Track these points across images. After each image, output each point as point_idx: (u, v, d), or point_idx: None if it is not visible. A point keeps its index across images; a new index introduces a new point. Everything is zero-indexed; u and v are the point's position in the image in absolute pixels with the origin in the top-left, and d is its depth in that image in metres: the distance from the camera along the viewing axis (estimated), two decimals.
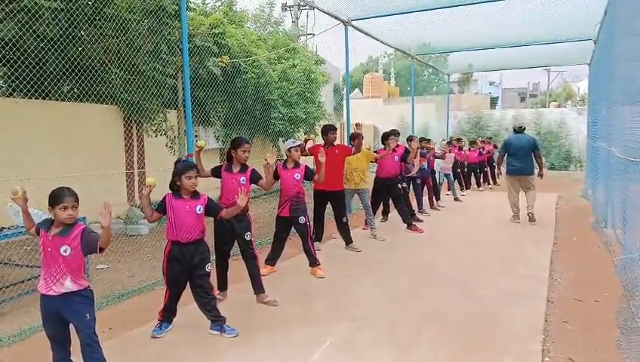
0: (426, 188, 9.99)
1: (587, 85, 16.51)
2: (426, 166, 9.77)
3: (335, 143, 6.80)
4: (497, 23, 10.26)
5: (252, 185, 4.76)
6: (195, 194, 3.92)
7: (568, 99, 38.87)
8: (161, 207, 3.93)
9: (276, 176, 5.42)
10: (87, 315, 3.03)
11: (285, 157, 5.67)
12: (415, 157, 8.59)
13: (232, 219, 4.47)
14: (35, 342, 3.90)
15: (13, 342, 3.95)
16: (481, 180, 13.73)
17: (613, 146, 6.98)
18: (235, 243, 4.78)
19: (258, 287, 4.73)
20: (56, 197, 2.96)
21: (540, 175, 8.65)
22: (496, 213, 9.67)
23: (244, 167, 4.70)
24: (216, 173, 4.81)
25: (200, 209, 3.90)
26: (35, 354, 3.71)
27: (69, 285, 2.97)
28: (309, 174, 5.55)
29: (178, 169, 3.90)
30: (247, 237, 4.66)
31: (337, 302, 4.76)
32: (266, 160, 4.73)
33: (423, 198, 9.85)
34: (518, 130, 8.85)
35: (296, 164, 5.55)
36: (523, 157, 8.49)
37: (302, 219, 5.55)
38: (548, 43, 12.09)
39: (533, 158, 8.54)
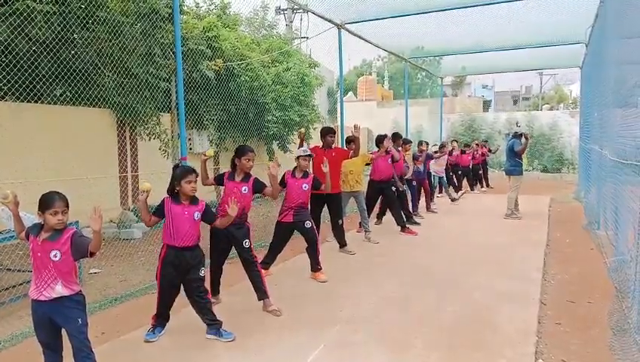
0: (422, 190, 10.03)
1: (579, 88, 16.63)
2: (422, 168, 9.81)
3: (333, 146, 6.82)
4: (490, 27, 10.33)
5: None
6: (193, 200, 3.90)
7: (561, 102, 39.09)
8: (159, 211, 3.91)
9: (282, 183, 5.37)
10: (79, 320, 3.01)
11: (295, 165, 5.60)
12: (401, 158, 8.57)
13: (231, 227, 4.41)
14: (26, 347, 3.87)
15: (4, 347, 3.92)
16: (475, 182, 13.80)
17: (605, 148, 7.03)
18: (232, 249, 4.75)
19: (262, 294, 4.62)
20: (46, 202, 2.93)
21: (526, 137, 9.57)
22: (489, 215, 9.72)
23: (247, 176, 4.64)
24: (219, 180, 4.75)
25: (198, 215, 3.88)
26: (26, 359, 3.68)
27: (60, 290, 2.94)
28: (316, 185, 5.53)
29: (177, 174, 3.86)
30: (246, 245, 4.59)
31: (331, 305, 4.75)
32: (269, 169, 4.71)
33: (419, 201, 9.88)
34: (513, 135, 9.82)
35: (305, 174, 5.52)
36: (507, 159, 9.71)
37: (308, 224, 5.52)
38: (540, 46, 12.19)
39: (518, 161, 9.43)
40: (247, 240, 4.60)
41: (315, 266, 5.64)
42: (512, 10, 9.30)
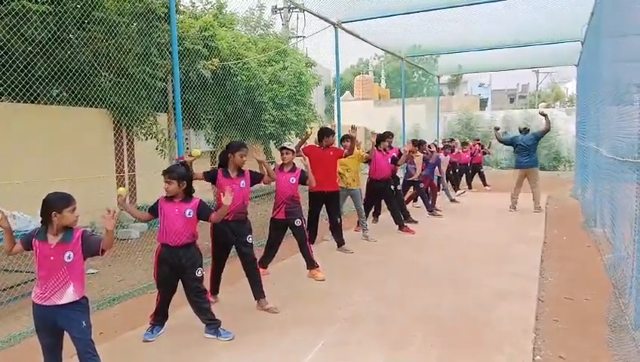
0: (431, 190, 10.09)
1: (575, 86, 16.66)
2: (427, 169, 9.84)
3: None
4: (486, 25, 10.34)
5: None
6: (186, 198, 3.89)
7: (557, 100, 39.18)
8: (153, 209, 3.93)
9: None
10: (83, 323, 2.98)
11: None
12: (406, 160, 8.62)
13: (233, 223, 4.47)
14: (24, 347, 3.87)
15: (2, 347, 3.92)
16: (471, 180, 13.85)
17: (601, 146, 7.05)
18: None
19: (259, 292, 4.64)
20: (63, 201, 2.88)
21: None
22: (487, 213, 9.74)
23: (241, 171, 4.67)
24: (210, 178, 4.66)
25: (190, 213, 3.86)
26: (24, 359, 3.68)
27: (70, 295, 2.91)
28: (303, 178, 5.54)
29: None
30: (249, 240, 4.62)
31: (330, 303, 4.76)
32: (255, 154, 4.79)
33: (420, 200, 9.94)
34: (524, 131, 10.11)
35: (293, 168, 5.56)
36: (531, 153, 9.77)
37: (298, 222, 5.54)
38: (536, 44, 12.21)
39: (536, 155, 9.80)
40: (250, 235, 4.63)
41: (311, 264, 5.65)
42: (509, 9, 9.31)
